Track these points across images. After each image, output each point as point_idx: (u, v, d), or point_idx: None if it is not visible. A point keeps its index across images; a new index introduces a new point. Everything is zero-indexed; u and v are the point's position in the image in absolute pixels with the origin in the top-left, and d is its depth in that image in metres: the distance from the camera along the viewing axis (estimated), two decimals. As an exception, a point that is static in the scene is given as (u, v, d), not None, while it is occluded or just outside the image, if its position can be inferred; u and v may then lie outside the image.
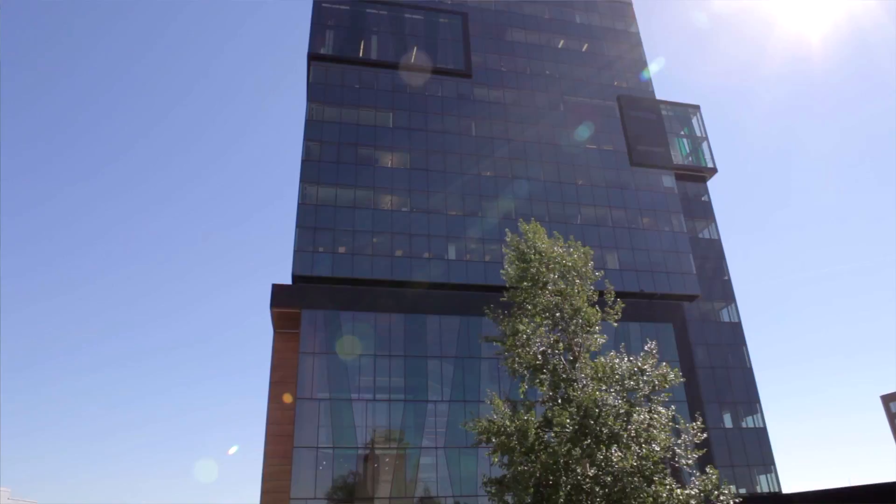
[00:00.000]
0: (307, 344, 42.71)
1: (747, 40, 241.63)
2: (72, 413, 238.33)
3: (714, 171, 61.69)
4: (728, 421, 53.08)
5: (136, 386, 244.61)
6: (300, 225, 46.95)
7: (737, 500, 18.33)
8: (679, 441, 19.31)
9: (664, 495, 17.62)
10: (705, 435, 19.53)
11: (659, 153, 59.00)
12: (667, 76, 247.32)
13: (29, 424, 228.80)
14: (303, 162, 49.37)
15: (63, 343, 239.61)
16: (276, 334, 46.81)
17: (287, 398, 43.32)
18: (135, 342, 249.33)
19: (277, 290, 44.78)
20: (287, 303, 44.29)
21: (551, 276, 20.88)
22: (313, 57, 54.40)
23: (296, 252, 46.03)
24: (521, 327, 20.38)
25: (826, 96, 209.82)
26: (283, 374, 44.32)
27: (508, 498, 19.00)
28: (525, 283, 20.86)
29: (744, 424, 53.64)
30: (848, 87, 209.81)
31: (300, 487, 39.06)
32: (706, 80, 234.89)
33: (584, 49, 63.20)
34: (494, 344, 21.98)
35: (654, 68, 66.05)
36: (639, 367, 19.40)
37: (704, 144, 62.86)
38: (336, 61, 54.62)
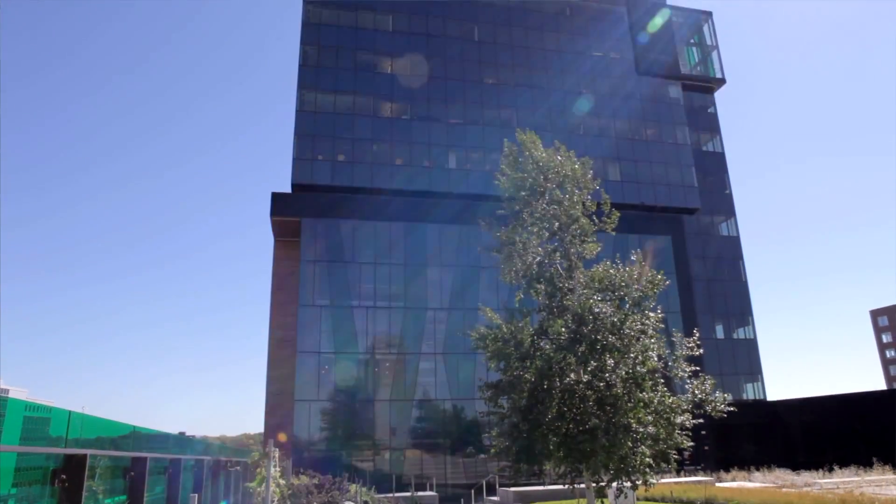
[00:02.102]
0: (308, 252, 43.06)
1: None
2: (73, 325, 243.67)
3: (722, 81, 60.12)
4: (720, 332, 54.34)
5: (145, 294, 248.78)
6: (299, 133, 46.25)
7: (728, 407, 18.92)
8: (673, 354, 19.72)
9: (655, 400, 18.20)
10: (700, 351, 19.91)
11: (666, 62, 57.32)
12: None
13: (32, 330, 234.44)
14: (300, 67, 48.03)
15: (63, 258, 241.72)
16: (277, 243, 47.15)
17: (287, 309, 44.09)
18: (142, 252, 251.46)
19: (277, 199, 44.72)
20: (287, 211, 44.31)
21: (549, 185, 20.71)
22: (309, -46, 51.81)
23: (295, 160, 45.61)
24: (518, 237, 20.42)
25: (844, 7, 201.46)
26: (285, 282, 44.96)
27: (503, 401, 19.67)
28: (522, 193, 20.72)
29: (735, 336, 54.97)
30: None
31: (304, 390, 40.45)
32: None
33: (593, -51, 60.10)
34: (492, 254, 22.11)
35: (666, -29, 63.05)
36: (630, 275, 19.57)
37: (714, 54, 60.89)
38: (333, -41, 52.08)
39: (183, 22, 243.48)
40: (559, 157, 21.66)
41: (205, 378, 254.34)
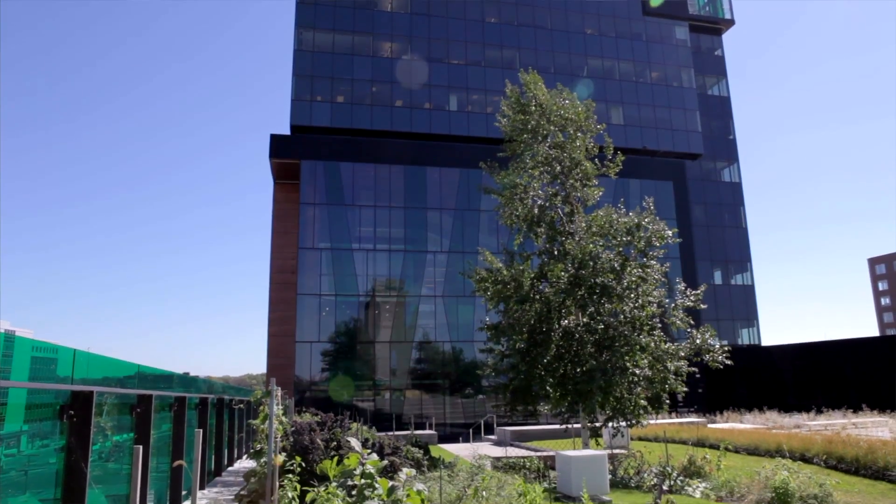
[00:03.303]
0: (307, 194, 42.87)
1: None
2: (78, 272, 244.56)
3: (731, 23, 58.63)
4: (718, 278, 54.69)
5: (148, 241, 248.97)
6: (297, 73, 45.36)
7: (728, 359, 19.18)
8: (673, 302, 19.87)
9: (652, 345, 18.46)
10: (704, 306, 20.02)
11: (673, 1, 55.74)
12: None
13: (36, 273, 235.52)
14: (297, 4, 46.70)
15: (63, 196, 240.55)
16: (277, 185, 46.91)
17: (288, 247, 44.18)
18: (143, 197, 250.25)
19: (276, 141, 44.23)
20: (286, 153, 43.89)
21: (551, 128, 20.45)
22: None
23: (293, 101, 44.91)
24: (519, 180, 20.31)
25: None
26: (285, 225, 44.95)
27: (503, 342, 19.95)
28: (524, 136, 20.47)
29: (733, 282, 55.37)
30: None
31: (305, 331, 40.97)
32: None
33: None
34: (493, 197, 22.02)
35: None
36: (636, 223, 19.53)
37: (724, -8, 59.21)
38: None
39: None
40: (563, 100, 21.31)
41: (208, 322, 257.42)
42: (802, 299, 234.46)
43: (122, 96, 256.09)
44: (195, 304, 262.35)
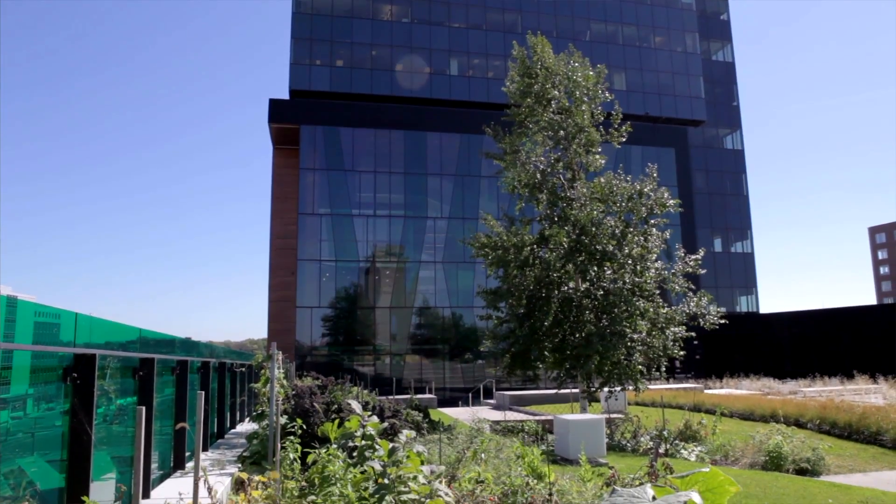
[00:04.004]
0: (307, 160, 42.63)
1: None
2: (75, 231, 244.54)
3: (737, -15, 57.55)
4: (718, 245, 54.75)
5: (148, 207, 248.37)
6: (296, 36, 44.71)
7: (721, 320, 19.33)
8: (672, 269, 19.96)
9: (651, 310, 18.58)
10: (703, 271, 20.10)
11: (680, -37, 54.60)
12: None
13: (38, 240, 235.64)
14: (296, -36, 45.76)
15: (64, 162, 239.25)
16: (276, 150, 46.62)
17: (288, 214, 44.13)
18: (143, 163, 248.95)
19: (275, 105, 43.80)
20: (285, 118, 43.49)
21: (555, 93, 20.22)
22: None
23: (292, 65, 44.37)
24: (521, 146, 20.19)
25: None
26: (285, 190, 44.79)
27: (501, 307, 20.06)
28: (528, 100, 20.26)
29: (733, 249, 55.44)
30: None
31: (305, 297, 41.16)
32: None
33: None
34: (494, 162, 21.91)
35: None
36: (637, 190, 19.49)
37: (731, -45, 57.98)
38: None
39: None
40: (573, 63, 20.98)
41: (209, 288, 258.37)
42: (802, 268, 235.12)
43: (122, 63, 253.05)
44: (197, 270, 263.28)
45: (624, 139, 20.54)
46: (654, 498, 1.38)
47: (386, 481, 4.10)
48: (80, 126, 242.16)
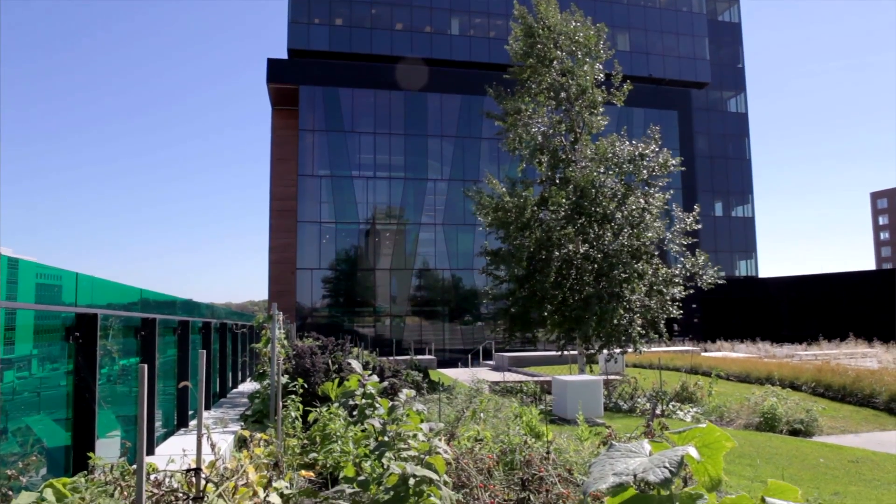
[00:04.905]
0: (306, 121, 42.25)
1: None
2: (75, 193, 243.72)
3: (745, -58, 56.21)
4: (719, 209, 54.62)
5: (147, 170, 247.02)
6: (294, -7, 43.85)
7: (720, 279, 19.40)
8: (672, 228, 19.98)
9: (650, 272, 18.66)
10: (700, 226, 20.11)
11: (687, -81, 53.21)
12: None
13: (30, 195, 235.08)
14: (294, -82, 44.60)
15: (64, 124, 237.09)
16: (275, 111, 46.15)
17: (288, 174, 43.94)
18: (142, 125, 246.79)
19: (273, 65, 43.20)
20: (284, 78, 42.94)
21: (559, 53, 19.94)
22: None
23: (290, 24, 43.61)
24: (524, 106, 19.98)
25: None
26: (284, 152, 44.46)
27: (502, 268, 20.15)
28: (530, 61, 19.99)
29: (734, 214, 55.33)
30: None
31: (305, 259, 41.26)
32: None
33: None
34: (495, 123, 21.72)
35: None
36: (640, 152, 19.39)
37: (740, -90, 56.50)
38: None
39: None
40: (574, 22, 20.67)
41: (210, 250, 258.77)
42: (802, 233, 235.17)
43: (119, 24, 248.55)
44: (197, 232, 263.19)
45: (625, 98, 20.37)
46: (650, 452, 1.40)
47: (386, 438, 4.17)
48: (79, 89, 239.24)
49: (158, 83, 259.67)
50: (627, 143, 19.79)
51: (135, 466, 3.22)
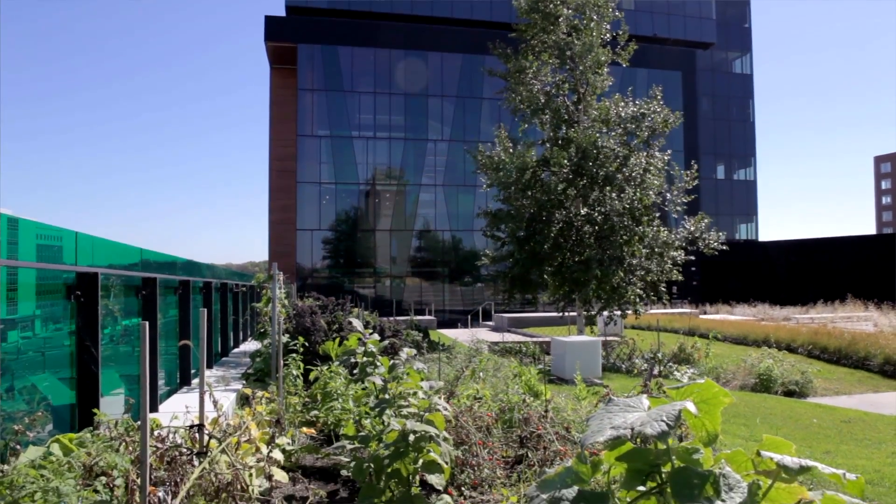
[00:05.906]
0: (305, 80, 41.69)
1: None
2: (75, 153, 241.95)
3: None
4: (721, 172, 54.30)
5: (144, 132, 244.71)
6: (292, -53, 42.77)
7: (721, 244, 19.40)
8: (671, 188, 19.92)
9: (650, 234, 18.66)
10: (697, 182, 20.05)
11: None
12: None
13: (29, 154, 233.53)
14: None
15: (63, 85, 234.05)
16: (274, 70, 45.49)
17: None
18: (140, 88, 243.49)
19: (271, 23, 42.42)
20: (282, 36, 42.19)
21: (565, 10, 19.55)
22: None
23: (288, -22, 42.69)
24: (527, 64, 19.68)
25: None
26: (283, 111, 43.96)
27: (502, 228, 20.13)
28: (535, 16, 19.59)
29: (735, 177, 55.02)
30: None
31: (305, 219, 41.21)
32: None
33: None
34: (499, 79, 21.43)
35: None
36: (641, 111, 19.21)
37: None
38: None
39: None
40: None
41: (210, 210, 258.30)
42: (804, 198, 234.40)
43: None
44: (197, 193, 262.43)
45: (630, 57, 20.09)
46: (649, 407, 1.41)
47: (386, 396, 4.22)
48: (78, 50, 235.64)
49: (158, 42, 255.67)
50: (631, 102, 19.58)
51: (139, 422, 3.26)
